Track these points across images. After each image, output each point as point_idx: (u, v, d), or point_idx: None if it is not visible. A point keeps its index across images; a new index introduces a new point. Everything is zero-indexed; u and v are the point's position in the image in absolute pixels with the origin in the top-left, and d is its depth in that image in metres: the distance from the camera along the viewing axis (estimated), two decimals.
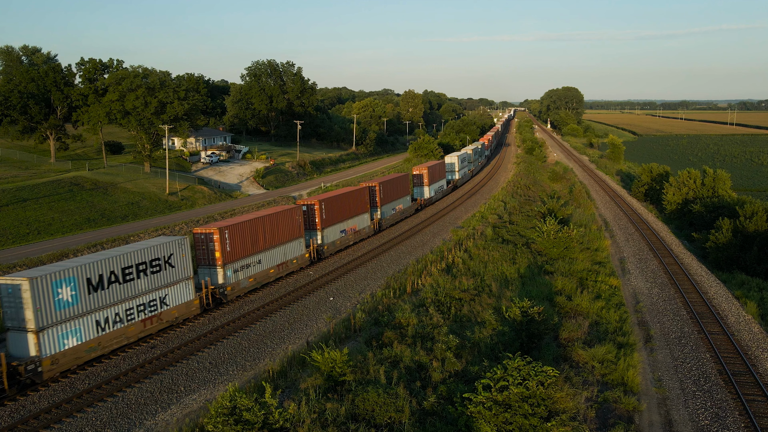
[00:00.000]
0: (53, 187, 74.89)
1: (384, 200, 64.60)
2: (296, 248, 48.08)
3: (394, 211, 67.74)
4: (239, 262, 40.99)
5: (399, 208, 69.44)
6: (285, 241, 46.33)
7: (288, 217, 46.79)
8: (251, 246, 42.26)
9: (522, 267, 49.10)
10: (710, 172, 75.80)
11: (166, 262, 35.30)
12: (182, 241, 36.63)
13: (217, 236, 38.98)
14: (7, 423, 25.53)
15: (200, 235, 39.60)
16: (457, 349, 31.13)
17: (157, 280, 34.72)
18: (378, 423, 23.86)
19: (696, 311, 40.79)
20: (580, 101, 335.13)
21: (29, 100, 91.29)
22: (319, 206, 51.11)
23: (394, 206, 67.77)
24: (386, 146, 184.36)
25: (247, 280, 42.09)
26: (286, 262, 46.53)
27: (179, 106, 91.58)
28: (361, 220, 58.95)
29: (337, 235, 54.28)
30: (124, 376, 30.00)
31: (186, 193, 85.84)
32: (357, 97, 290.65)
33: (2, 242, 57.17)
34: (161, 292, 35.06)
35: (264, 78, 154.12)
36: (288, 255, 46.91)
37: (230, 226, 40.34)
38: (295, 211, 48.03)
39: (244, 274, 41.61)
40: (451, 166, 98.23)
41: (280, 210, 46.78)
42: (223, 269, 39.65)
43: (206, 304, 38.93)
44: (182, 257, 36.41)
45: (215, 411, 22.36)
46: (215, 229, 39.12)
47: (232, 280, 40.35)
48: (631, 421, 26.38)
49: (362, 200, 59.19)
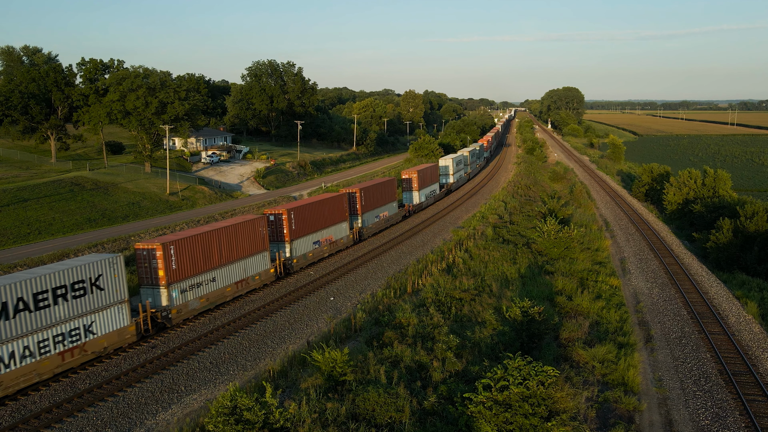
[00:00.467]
0: (54, 187, 74.94)
1: (366, 207, 60.21)
2: (260, 263, 43.64)
3: (378, 218, 63.38)
4: (188, 280, 36.83)
5: (384, 216, 65.13)
6: (246, 256, 42.07)
7: (250, 229, 42.59)
8: (203, 262, 38.07)
9: (522, 267, 49.11)
10: (711, 173, 75.82)
11: (93, 284, 31.21)
12: (114, 259, 32.58)
13: (161, 252, 34.95)
14: (8, 422, 25.56)
15: (142, 251, 35.47)
16: (457, 349, 31.15)
17: (80, 306, 30.54)
18: (378, 423, 23.87)
19: (696, 311, 40.80)
20: (581, 101, 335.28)
21: (30, 101, 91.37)
22: (288, 216, 47.03)
23: (377, 213, 63.27)
24: (387, 146, 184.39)
25: (198, 301, 37.76)
26: (246, 279, 42.15)
27: (180, 106, 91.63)
28: (338, 230, 54.67)
29: (310, 247, 49.85)
30: (125, 375, 30.02)
31: (187, 193, 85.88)
32: (357, 97, 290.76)
33: (3, 242, 57.22)
34: (86, 319, 30.86)
35: (264, 78, 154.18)
36: (249, 271, 42.55)
37: (177, 240, 36.33)
38: (259, 221, 43.73)
39: (194, 294, 37.35)
40: (445, 169, 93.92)
41: (241, 221, 42.51)
42: (168, 289, 35.38)
43: (144, 330, 34.49)
44: (114, 278, 32.43)
45: (216, 410, 22.37)
46: (158, 245, 35.01)
47: (179, 302, 36.15)
48: (632, 421, 26.39)
49: (340, 208, 54.93)
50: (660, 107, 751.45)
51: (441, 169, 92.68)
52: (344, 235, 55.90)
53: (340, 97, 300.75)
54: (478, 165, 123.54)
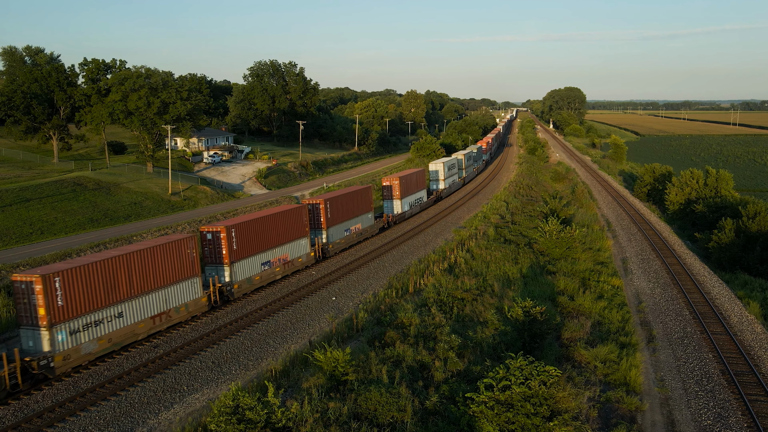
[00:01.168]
0: (56, 187, 75.05)
1: (332, 220, 53.06)
2: (187, 291, 37.08)
3: (348, 232, 56.41)
4: (82, 318, 30.25)
5: (356, 229, 57.93)
6: (168, 284, 35.60)
7: (174, 252, 35.87)
8: (105, 295, 31.45)
9: (524, 267, 49.11)
10: (713, 173, 75.79)
11: None
12: None
13: (40, 287, 28.29)
14: (11, 421, 25.62)
15: (20, 284, 28.95)
16: (459, 349, 31.17)
17: None
18: (380, 422, 23.90)
19: (698, 311, 40.77)
20: (583, 101, 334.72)
21: (32, 101, 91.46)
22: (228, 234, 39.74)
23: (347, 226, 56.23)
24: (388, 146, 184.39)
25: (96, 343, 31.00)
26: (168, 311, 35.56)
27: (182, 107, 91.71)
28: (295, 248, 47.56)
29: (257, 269, 43.16)
30: (127, 375, 30.08)
31: (188, 193, 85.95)
32: (359, 97, 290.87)
33: (6, 242, 57.32)
34: None
35: (266, 78, 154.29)
36: (172, 302, 35.95)
37: (67, 270, 29.61)
38: (187, 242, 37.04)
39: (90, 336, 30.63)
40: (434, 175, 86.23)
41: (164, 242, 35.91)
42: (51, 331, 28.71)
43: (10, 387, 27.41)
44: None
45: (218, 410, 22.41)
46: (37, 278, 28.34)
47: (66, 346, 29.37)
48: (634, 421, 26.40)
49: (299, 222, 47.93)
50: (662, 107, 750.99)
51: (431, 174, 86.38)
52: (303, 254, 48.59)
53: (342, 97, 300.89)
54: (475, 168, 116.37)
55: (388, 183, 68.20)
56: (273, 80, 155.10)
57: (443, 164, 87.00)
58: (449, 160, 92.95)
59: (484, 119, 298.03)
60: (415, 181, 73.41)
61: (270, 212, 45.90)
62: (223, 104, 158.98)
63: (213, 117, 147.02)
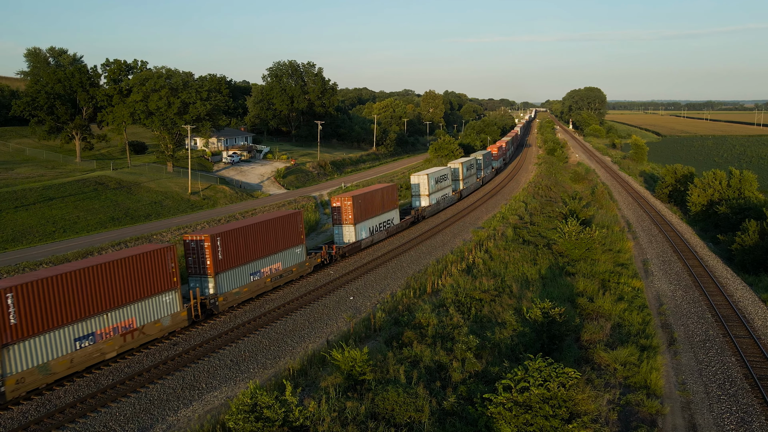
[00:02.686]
0: (78, 186, 76.10)
1: (227, 262, 38.85)
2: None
3: (258, 276, 42.15)
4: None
5: (271, 271, 43.60)
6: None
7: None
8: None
9: (543, 268, 48.73)
10: (736, 173, 74.48)
11: None
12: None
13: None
14: (33, 416, 26.01)
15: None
16: (477, 350, 31.01)
17: None
18: (398, 422, 23.85)
19: (721, 314, 40.11)
20: (603, 102, 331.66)
21: (56, 101, 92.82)
22: (16, 294, 26.86)
23: (256, 268, 41.93)
24: (407, 147, 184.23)
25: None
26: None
27: (201, 107, 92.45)
28: (150, 308, 33.80)
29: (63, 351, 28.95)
30: (147, 372, 30.37)
31: (208, 193, 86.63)
32: (378, 97, 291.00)
33: (29, 240, 58.25)
34: None
35: (285, 78, 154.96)
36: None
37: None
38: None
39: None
40: (416, 189, 72.55)
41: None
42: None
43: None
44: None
45: (236, 408, 22.54)
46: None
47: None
48: (654, 425, 26.04)
49: (158, 270, 34.04)
50: (684, 107, 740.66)
51: (413, 189, 73.22)
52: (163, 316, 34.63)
53: (360, 97, 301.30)
54: (478, 179, 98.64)
55: (338, 203, 55.57)
56: (292, 80, 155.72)
57: (428, 176, 71.92)
58: (435, 172, 75.78)
59: (503, 119, 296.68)
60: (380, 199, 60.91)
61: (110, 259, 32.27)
62: (243, 104, 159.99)
63: (232, 117, 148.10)
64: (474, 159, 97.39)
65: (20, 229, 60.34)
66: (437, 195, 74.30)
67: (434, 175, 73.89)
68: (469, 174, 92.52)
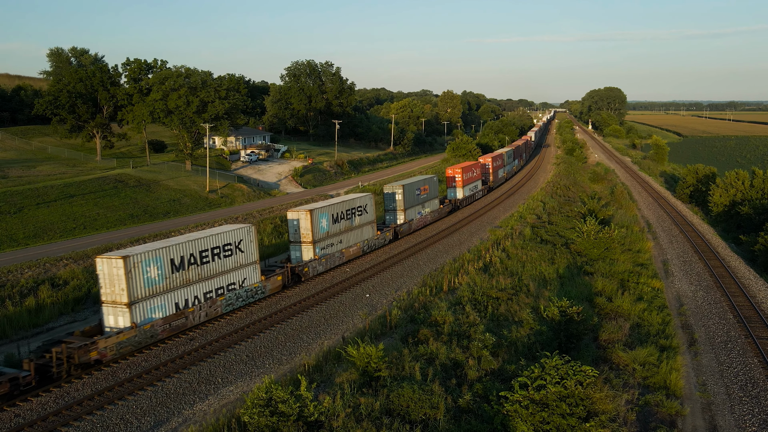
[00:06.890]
0: (99, 184, 77.04)
1: None
2: None
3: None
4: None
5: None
6: None
7: None
8: None
9: (561, 267, 48.27)
10: (760, 174, 73.22)
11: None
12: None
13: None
14: (52, 408, 26.29)
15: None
16: (493, 348, 30.78)
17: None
18: (413, 419, 23.72)
19: (743, 315, 39.40)
20: (623, 102, 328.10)
21: (77, 100, 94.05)
22: None
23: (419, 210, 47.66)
24: (424, 146, 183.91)
25: None
26: None
27: (220, 105, 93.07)
28: None
29: None
30: (164, 366, 30.57)
31: (225, 191, 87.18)
32: (395, 97, 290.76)
33: (51, 236, 59.03)
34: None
35: (303, 78, 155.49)
36: None
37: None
38: None
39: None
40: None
41: None
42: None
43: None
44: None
45: (251, 402, 22.58)
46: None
47: None
48: (674, 426, 25.61)
49: None
50: (706, 108, 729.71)
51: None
52: None
53: (378, 97, 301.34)
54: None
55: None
56: (309, 80, 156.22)
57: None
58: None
59: (521, 120, 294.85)
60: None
61: None
62: (261, 104, 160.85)
63: (250, 116, 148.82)
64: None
65: (42, 225, 61.21)
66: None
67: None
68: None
